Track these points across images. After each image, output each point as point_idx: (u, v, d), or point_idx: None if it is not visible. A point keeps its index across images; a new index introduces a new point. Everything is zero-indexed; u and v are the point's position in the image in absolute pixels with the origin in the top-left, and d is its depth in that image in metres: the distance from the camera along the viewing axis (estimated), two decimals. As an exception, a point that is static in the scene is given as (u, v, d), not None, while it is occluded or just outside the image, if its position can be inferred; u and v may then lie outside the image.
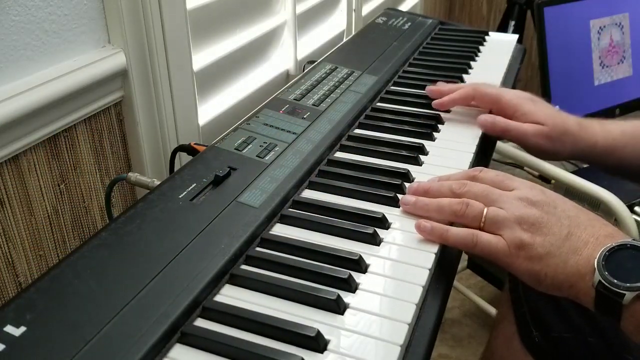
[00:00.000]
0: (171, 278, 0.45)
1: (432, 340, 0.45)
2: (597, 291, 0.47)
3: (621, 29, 1.49)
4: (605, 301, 0.47)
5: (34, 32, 0.62)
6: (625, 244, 0.47)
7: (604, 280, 0.46)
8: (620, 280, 0.46)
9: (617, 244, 0.47)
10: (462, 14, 2.50)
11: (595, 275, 0.47)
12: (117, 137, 0.76)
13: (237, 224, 0.52)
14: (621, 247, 0.47)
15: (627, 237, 0.49)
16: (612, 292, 0.46)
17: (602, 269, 0.47)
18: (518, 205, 0.52)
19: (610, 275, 0.46)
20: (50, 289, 0.43)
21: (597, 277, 0.47)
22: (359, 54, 0.93)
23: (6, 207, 0.62)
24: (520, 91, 0.77)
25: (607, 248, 0.47)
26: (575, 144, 0.71)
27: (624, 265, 0.46)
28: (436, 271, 0.51)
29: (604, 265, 0.47)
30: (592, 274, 0.47)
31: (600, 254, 0.47)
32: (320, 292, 0.46)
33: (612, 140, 0.71)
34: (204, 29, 0.88)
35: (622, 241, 0.48)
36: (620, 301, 0.46)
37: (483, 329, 1.60)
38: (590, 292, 0.48)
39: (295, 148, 0.65)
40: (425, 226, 0.53)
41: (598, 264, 0.47)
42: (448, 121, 0.76)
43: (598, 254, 0.48)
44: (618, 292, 0.46)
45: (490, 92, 0.75)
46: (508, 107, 0.73)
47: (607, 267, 0.47)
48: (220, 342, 0.41)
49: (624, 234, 0.50)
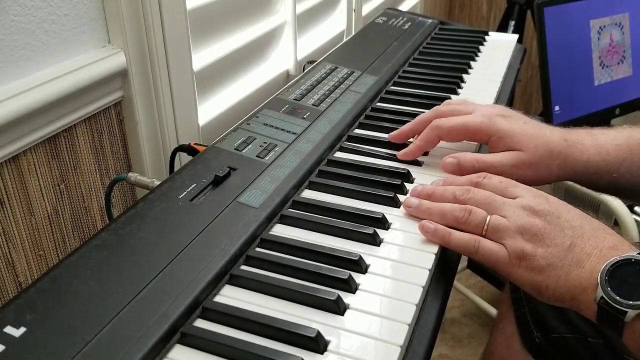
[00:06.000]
0: (171, 278, 0.45)
1: (432, 340, 0.45)
2: (599, 306, 0.46)
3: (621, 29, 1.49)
4: (607, 316, 0.46)
5: (34, 32, 0.62)
6: (629, 258, 0.46)
7: (606, 297, 0.45)
8: (623, 297, 0.45)
9: (621, 259, 0.46)
10: (462, 14, 2.50)
11: (598, 291, 0.46)
12: (117, 137, 0.76)
13: (237, 225, 0.52)
14: (625, 262, 0.46)
15: (632, 249, 0.48)
16: (614, 309, 0.45)
17: (605, 284, 0.46)
18: (521, 214, 0.51)
19: (613, 291, 0.45)
20: (50, 289, 0.43)
21: (599, 293, 0.46)
22: (359, 54, 0.93)
23: (6, 207, 0.62)
24: (490, 106, 0.68)
25: (611, 263, 0.46)
26: (563, 165, 0.62)
27: (627, 281, 0.45)
28: (436, 271, 0.51)
29: (607, 281, 0.46)
30: (595, 288, 0.46)
31: (604, 269, 0.46)
32: (320, 292, 0.46)
33: (606, 155, 0.63)
34: (204, 29, 0.88)
35: (626, 256, 0.46)
36: (622, 318, 0.45)
37: (483, 329, 1.61)
38: (592, 306, 0.47)
39: (295, 148, 0.65)
40: (428, 227, 0.53)
41: (601, 279, 0.46)
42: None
43: (601, 268, 0.47)
44: (620, 310, 0.45)
45: (454, 126, 0.64)
46: (479, 133, 0.64)
47: (610, 282, 0.46)
48: (220, 342, 0.41)
49: (629, 245, 0.49)
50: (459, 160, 0.62)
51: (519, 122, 0.64)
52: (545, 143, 0.62)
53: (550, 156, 0.61)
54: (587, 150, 0.63)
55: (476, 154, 0.64)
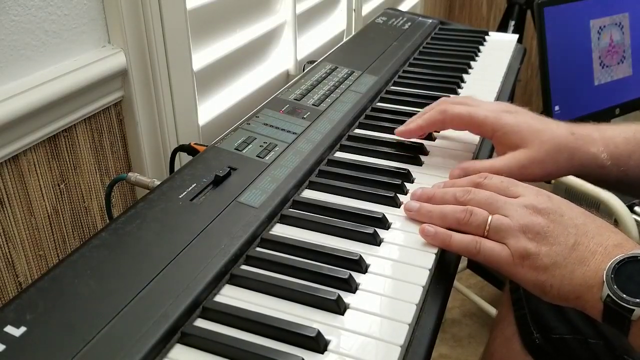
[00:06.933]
0: (171, 278, 0.45)
1: (433, 340, 0.45)
2: (605, 305, 0.46)
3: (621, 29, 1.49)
4: (613, 315, 0.45)
5: (34, 32, 0.62)
6: (635, 256, 0.46)
7: (612, 295, 0.45)
8: (630, 295, 0.44)
9: (627, 256, 0.46)
10: (462, 14, 2.50)
11: (604, 289, 0.46)
12: (117, 137, 0.76)
13: (237, 224, 0.52)
14: (631, 260, 0.46)
15: (637, 247, 0.47)
16: (621, 307, 0.45)
17: (611, 282, 0.45)
18: (523, 213, 0.51)
19: (620, 289, 0.45)
20: (50, 289, 0.43)
21: (605, 291, 0.45)
22: (359, 54, 0.93)
23: (6, 207, 0.62)
24: (496, 103, 0.68)
25: (617, 260, 0.46)
26: (571, 159, 0.61)
27: (633, 278, 0.45)
28: (436, 271, 0.51)
29: (613, 279, 0.45)
30: (600, 286, 0.46)
31: (610, 267, 0.46)
32: (320, 292, 0.46)
33: (615, 148, 0.61)
34: (204, 29, 0.88)
35: (632, 253, 0.46)
36: (629, 316, 0.44)
37: (483, 329, 1.61)
38: (597, 304, 0.46)
39: (295, 148, 0.65)
40: (429, 230, 0.53)
41: (607, 277, 0.46)
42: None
43: (607, 266, 0.46)
44: (627, 308, 0.44)
45: (461, 113, 0.64)
46: (484, 126, 0.63)
47: (616, 280, 0.45)
48: (221, 342, 0.41)
49: (634, 243, 0.48)
50: (466, 171, 0.62)
51: (525, 118, 0.63)
52: (551, 138, 0.61)
53: (557, 150, 0.60)
54: (595, 143, 0.61)
55: (481, 161, 0.63)
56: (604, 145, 0.62)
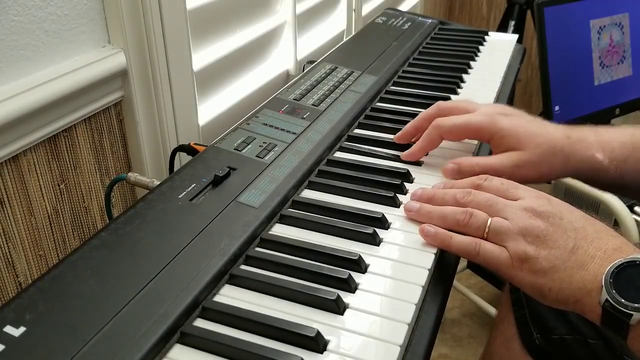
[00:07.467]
0: (171, 278, 0.45)
1: (432, 340, 0.45)
2: (604, 309, 0.46)
3: (621, 29, 1.49)
4: (612, 319, 0.45)
5: (34, 32, 0.62)
6: (634, 260, 0.45)
7: (611, 299, 0.45)
8: (629, 300, 0.44)
9: (626, 261, 0.46)
10: (462, 14, 2.50)
11: (603, 293, 0.45)
12: (117, 137, 0.76)
13: (237, 224, 0.52)
14: (630, 264, 0.46)
15: (636, 251, 0.47)
16: (620, 312, 0.45)
17: (609, 287, 0.45)
18: (523, 216, 0.51)
19: (618, 294, 0.45)
20: (50, 289, 0.43)
21: (604, 295, 0.45)
22: (359, 54, 0.93)
23: (6, 207, 0.62)
24: (492, 105, 0.68)
25: (616, 265, 0.46)
26: (567, 162, 0.62)
27: (632, 283, 0.45)
28: (436, 271, 0.51)
29: (612, 283, 0.45)
30: (599, 291, 0.46)
31: (608, 271, 0.46)
32: (320, 292, 0.46)
33: (611, 152, 0.62)
34: (204, 29, 0.88)
35: (631, 257, 0.46)
36: (627, 321, 0.44)
37: (483, 329, 1.61)
38: (596, 309, 0.46)
39: (295, 148, 0.65)
40: (429, 231, 0.53)
41: (606, 281, 0.45)
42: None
43: (606, 270, 0.46)
44: (626, 312, 0.44)
45: (455, 124, 0.64)
46: (481, 132, 0.64)
47: (615, 285, 0.45)
48: (220, 342, 0.41)
49: (633, 247, 0.48)
50: (459, 165, 0.62)
51: (521, 121, 0.63)
52: (547, 141, 0.61)
53: (552, 153, 0.61)
54: (592, 146, 0.62)
55: (476, 157, 0.63)
56: (600, 149, 0.62)
